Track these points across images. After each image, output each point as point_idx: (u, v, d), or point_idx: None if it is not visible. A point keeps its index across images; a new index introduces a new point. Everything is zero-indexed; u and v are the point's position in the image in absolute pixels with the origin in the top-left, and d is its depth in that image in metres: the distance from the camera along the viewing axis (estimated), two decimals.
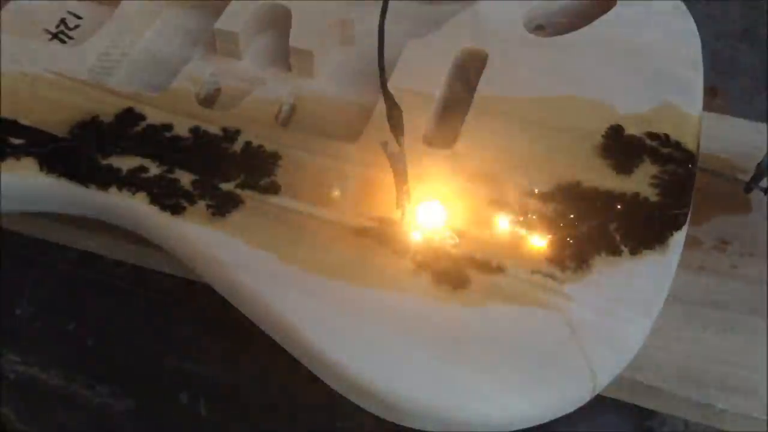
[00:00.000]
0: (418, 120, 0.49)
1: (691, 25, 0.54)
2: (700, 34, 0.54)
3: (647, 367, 0.45)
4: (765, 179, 0.49)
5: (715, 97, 0.94)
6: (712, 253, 0.50)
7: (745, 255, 0.50)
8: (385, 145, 0.42)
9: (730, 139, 0.56)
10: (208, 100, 0.52)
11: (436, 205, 0.44)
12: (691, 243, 0.50)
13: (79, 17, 0.58)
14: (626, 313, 0.41)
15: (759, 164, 0.50)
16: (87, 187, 0.45)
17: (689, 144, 0.48)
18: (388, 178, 0.43)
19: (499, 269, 0.42)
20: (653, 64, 0.52)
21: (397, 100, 0.42)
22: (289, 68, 0.54)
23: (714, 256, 0.50)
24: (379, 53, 0.45)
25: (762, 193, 0.49)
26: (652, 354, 0.45)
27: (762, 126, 0.56)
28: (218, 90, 0.53)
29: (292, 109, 0.51)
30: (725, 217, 0.51)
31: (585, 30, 0.54)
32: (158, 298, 0.51)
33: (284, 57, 0.54)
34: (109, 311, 0.51)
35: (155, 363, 0.49)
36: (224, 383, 0.48)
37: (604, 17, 0.54)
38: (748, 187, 0.50)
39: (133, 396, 0.49)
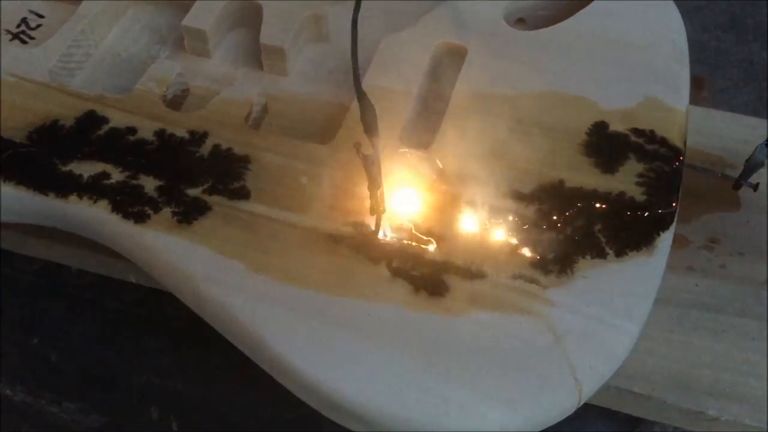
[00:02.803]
0: (394, 119, 0.47)
1: (676, 16, 0.52)
2: (686, 25, 0.52)
3: (635, 374, 0.43)
4: (754, 175, 0.48)
5: (701, 89, 0.92)
6: (700, 252, 0.48)
7: (735, 254, 0.48)
8: (358, 147, 0.40)
9: (718, 133, 0.54)
10: (175, 102, 0.50)
11: (412, 209, 0.42)
12: (679, 242, 0.48)
13: (41, 16, 0.55)
14: (612, 318, 0.40)
15: (748, 160, 0.48)
16: (46, 195, 0.43)
17: (676, 139, 0.46)
18: (363, 180, 0.41)
19: (480, 275, 0.40)
20: (637, 57, 0.50)
21: (372, 98, 0.40)
22: (260, 67, 0.52)
23: (703, 256, 0.48)
24: (352, 51, 0.44)
25: (751, 190, 0.48)
26: (640, 359, 0.43)
27: (750, 120, 0.55)
28: (186, 91, 0.51)
29: (264, 109, 0.49)
30: (714, 214, 0.50)
31: (567, 23, 0.52)
32: (125, 310, 0.49)
33: (256, 55, 0.52)
34: (74, 324, 0.48)
35: (124, 378, 0.47)
36: (195, 398, 0.46)
37: (586, 9, 0.52)
38: (737, 184, 0.48)
39: (102, 412, 0.47)
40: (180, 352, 0.47)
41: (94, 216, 0.43)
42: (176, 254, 0.41)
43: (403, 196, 0.43)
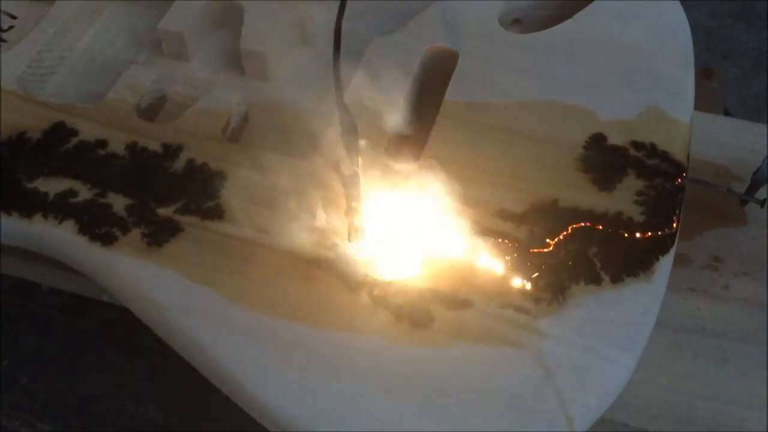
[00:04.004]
0: (381, 129, 0.44)
1: (682, 17, 0.49)
2: (696, 11, 0.49)
3: (631, 406, 0.41)
4: (762, 190, 0.45)
5: (710, 79, 0.89)
6: (703, 272, 0.45)
7: (740, 274, 0.45)
8: (338, 166, 0.37)
9: (723, 141, 0.51)
10: (151, 111, 0.47)
11: (396, 231, 0.40)
12: (680, 261, 0.45)
13: (13, 17, 0.53)
14: (607, 350, 0.37)
15: (755, 173, 0.45)
16: (9, 214, 0.41)
17: (678, 154, 0.43)
18: (345, 201, 0.39)
19: (466, 304, 0.38)
20: (639, 62, 0.47)
21: (358, 106, 0.38)
22: (242, 71, 0.49)
23: (706, 276, 0.45)
24: (334, 61, 0.41)
25: (759, 206, 0.45)
26: (637, 390, 0.41)
27: (759, 127, 0.52)
28: (163, 98, 0.48)
29: (243, 119, 0.47)
30: (718, 231, 0.47)
31: (565, 26, 0.49)
32: (99, 330, 0.47)
33: (238, 58, 0.49)
34: (46, 346, 0.46)
35: (98, 403, 0.45)
36: (171, 426, 0.44)
37: (586, 10, 0.49)
38: (743, 200, 0.45)
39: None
40: (156, 377, 0.45)
41: (60, 237, 0.40)
42: (145, 280, 0.39)
43: (386, 218, 0.40)
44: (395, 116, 0.45)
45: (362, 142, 0.37)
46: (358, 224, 0.38)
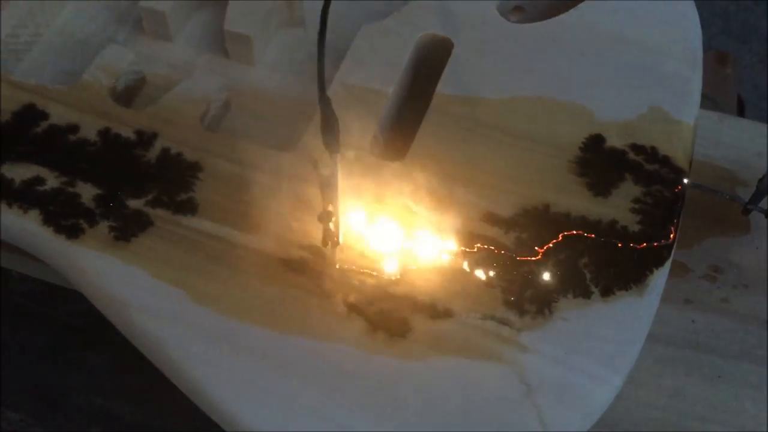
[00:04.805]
0: (367, 122, 0.42)
1: (693, 13, 0.46)
2: None
3: (617, 423, 0.39)
4: (766, 199, 0.43)
5: (724, 64, 0.86)
6: (701, 283, 0.43)
7: (739, 286, 0.43)
8: (315, 164, 0.35)
9: (729, 143, 0.49)
10: (128, 93, 0.45)
11: (375, 234, 0.38)
12: (677, 270, 0.43)
13: None
14: (593, 368, 0.35)
15: (761, 180, 0.43)
16: None
17: (680, 159, 0.41)
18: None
19: (446, 314, 0.36)
20: (643, 59, 0.44)
21: (343, 96, 0.36)
22: (226, 54, 0.47)
23: (703, 288, 0.43)
24: (319, 49, 0.38)
25: (763, 216, 0.43)
26: (623, 407, 0.39)
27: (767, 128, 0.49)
28: (141, 80, 0.46)
29: (224, 107, 0.44)
30: (719, 240, 0.45)
31: (567, 16, 0.46)
32: (68, 322, 0.45)
33: (222, 41, 0.47)
34: (15, 336, 0.45)
35: (65, 396, 0.43)
36: (138, 424, 0.42)
37: (590, 1, 0.47)
38: (747, 208, 0.43)
39: (45, 426, 0.43)
40: (125, 373, 0.43)
41: (24, 228, 0.38)
42: (110, 277, 0.37)
43: (365, 219, 0.38)
44: (382, 109, 0.43)
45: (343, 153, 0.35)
46: (333, 228, 0.36)
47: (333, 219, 0.35)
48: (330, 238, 0.36)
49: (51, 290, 0.46)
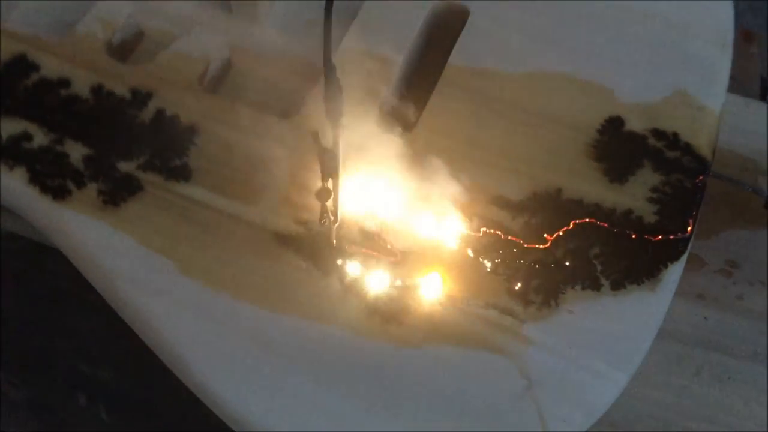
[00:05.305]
0: (374, 91, 0.40)
1: None
2: None
3: (618, 421, 0.37)
4: None
5: (750, 42, 0.82)
6: (715, 278, 0.41)
7: (756, 282, 0.41)
8: (315, 136, 0.33)
9: (755, 130, 0.46)
10: (125, 48, 0.43)
11: (376, 212, 0.36)
12: (692, 263, 0.41)
13: None
14: (598, 364, 0.34)
15: None
16: None
17: (703, 147, 0.39)
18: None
19: (447, 300, 0.34)
20: (671, 38, 0.42)
21: (351, 63, 0.34)
22: (230, 9, 0.45)
23: (718, 282, 0.41)
24: (326, 8, 0.36)
25: None
26: (627, 403, 0.37)
27: None
28: (139, 34, 0.43)
29: (224, 67, 0.42)
30: (737, 233, 0.42)
31: None
32: (55, 284, 0.43)
33: None
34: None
35: (51, 360, 0.42)
36: (122, 389, 0.41)
37: None
38: None
39: (30, 387, 0.42)
40: (111, 340, 0.42)
41: (9, 186, 0.37)
42: (96, 242, 0.35)
43: (367, 195, 0.36)
44: (391, 78, 0.40)
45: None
46: (332, 206, 0.34)
47: (332, 197, 0.33)
48: (327, 215, 0.34)
49: (38, 249, 0.44)
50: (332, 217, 0.34)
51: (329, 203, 0.33)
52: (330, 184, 0.33)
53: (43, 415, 0.42)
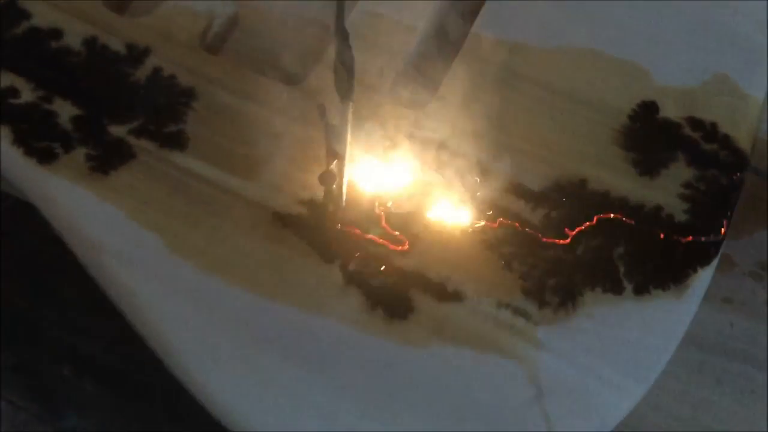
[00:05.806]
0: (390, 61, 0.37)
1: None
2: None
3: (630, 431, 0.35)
4: None
5: None
6: (745, 281, 0.39)
7: None
8: (322, 111, 0.30)
9: None
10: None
11: (384, 196, 0.33)
12: (720, 264, 0.38)
13: None
14: (614, 376, 0.31)
15: None
16: None
17: (743, 140, 0.36)
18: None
19: (456, 296, 0.32)
20: (713, 19, 0.38)
21: (366, 28, 0.31)
22: None
23: (747, 286, 0.38)
24: None
25: None
26: (641, 413, 0.35)
27: None
28: None
29: (228, 25, 0.39)
30: None
31: None
32: (42, 248, 0.41)
33: None
34: None
35: (36, 328, 0.40)
36: (108, 365, 0.39)
37: None
38: None
39: (15, 355, 0.40)
40: (97, 311, 0.40)
41: None
42: (82, 212, 0.33)
43: (376, 178, 0.33)
44: (409, 47, 0.37)
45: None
46: (337, 189, 0.31)
47: (336, 181, 0.31)
48: (331, 199, 0.31)
49: (27, 208, 0.41)
50: (337, 200, 0.31)
51: (335, 184, 0.31)
52: (335, 165, 0.30)
53: (30, 380, 0.40)
